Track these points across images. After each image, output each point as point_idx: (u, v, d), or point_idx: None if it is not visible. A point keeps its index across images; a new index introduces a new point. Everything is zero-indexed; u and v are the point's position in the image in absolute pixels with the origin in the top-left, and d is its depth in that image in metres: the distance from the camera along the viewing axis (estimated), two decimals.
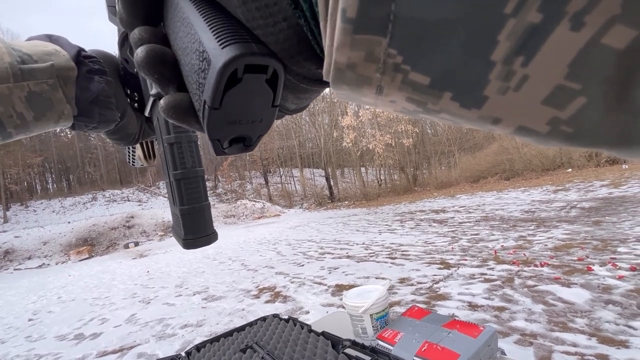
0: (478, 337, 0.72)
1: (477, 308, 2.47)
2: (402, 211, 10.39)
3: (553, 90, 0.10)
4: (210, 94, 0.17)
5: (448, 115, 0.13)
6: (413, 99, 0.13)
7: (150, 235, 17.32)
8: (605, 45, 0.09)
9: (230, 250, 8.14)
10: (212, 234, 0.39)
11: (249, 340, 0.97)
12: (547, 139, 0.12)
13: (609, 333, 1.86)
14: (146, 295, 4.86)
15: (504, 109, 0.11)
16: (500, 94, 0.11)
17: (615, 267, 2.79)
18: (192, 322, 3.30)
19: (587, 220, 4.74)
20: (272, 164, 29.23)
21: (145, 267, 7.86)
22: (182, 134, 0.37)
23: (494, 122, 0.12)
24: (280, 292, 3.75)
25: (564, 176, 11.54)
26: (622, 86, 0.10)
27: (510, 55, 0.10)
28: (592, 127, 0.11)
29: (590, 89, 0.10)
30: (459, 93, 0.12)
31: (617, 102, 0.10)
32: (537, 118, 0.11)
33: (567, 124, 0.11)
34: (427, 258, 4.15)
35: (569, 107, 0.10)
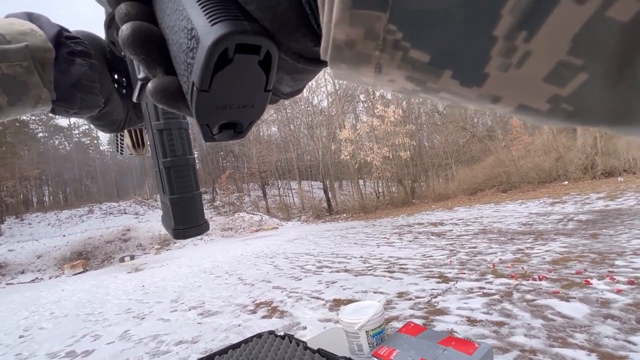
0: (473, 355, 0.72)
1: (476, 323, 2.45)
2: (400, 224, 10.36)
3: (555, 66, 0.10)
4: (198, 75, 0.16)
5: (447, 94, 0.13)
6: (412, 77, 0.13)
7: (146, 249, 17.12)
8: (610, 18, 0.09)
9: (227, 264, 8.05)
10: (203, 224, 0.37)
11: (244, 358, 0.96)
12: (547, 118, 0.11)
13: (609, 348, 1.84)
14: (141, 311, 4.77)
15: (505, 87, 0.11)
16: (502, 71, 0.11)
17: (614, 280, 2.78)
18: (187, 338, 3.24)
19: (584, 233, 4.75)
20: (270, 177, 29.24)
21: (141, 282, 7.74)
22: (172, 120, 0.35)
23: (494, 101, 0.12)
24: (277, 307, 3.70)
25: (561, 188, 11.60)
26: (624, 61, 0.09)
27: (513, 30, 0.10)
28: (593, 104, 0.10)
29: (593, 64, 0.10)
30: (460, 71, 0.11)
31: (619, 78, 0.10)
32: (538, 96, 0.11)
33: (567, 101, 0.11)
34: (425, 272, 4.12)
35: (570, 84, 0.10)
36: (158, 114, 0.35)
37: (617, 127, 0.11)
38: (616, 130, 0.11)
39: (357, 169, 20.74)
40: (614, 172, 11.76)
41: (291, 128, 26.91)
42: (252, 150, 26.87)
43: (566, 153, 13.57)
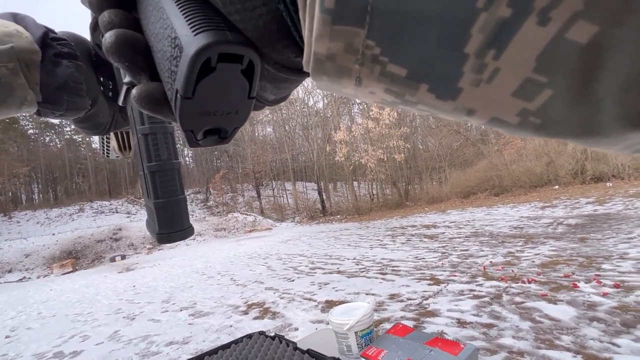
0: (458, 355, 0.74)
1: (465, 325, 2.48)
2: (393, 226, 10.42)
3: (522, 82, 0.11)
4: (182, 83, 0.16)
5: (425, 107, 0.13)
6: (391, 90, 0.13)
7: (138, 249, 16.93)
8: (570, 40, 0.09)
9: (220, 264, 8.00)
10: (188, 228, 0.37)
11: (234, 359, 0.97)
12: (517, 130, 0.12)
13: (594, 350, 1.88)
14: (131, 311, 4.72)
15: (478, 101, 0.12)
16: (474, 86, 0.11)
17: (600, 284, 2.84)
18: (178, 339, 3.22)
19: (573, 237, 4.83)
20: (264, 177, 29.15)
21: (132, 282, 7.65)
22: (157, 125, 0.35)
23: (469, 114, 0.13)
24: (270, 308, 3.69)
25: (551, 193, 11.78)
26: (584, 80, 0.10)
27: (483, 49, 0.10)
28: (558, 118, 0.11)
29: (556, 82, 0.10)
30: (435, 85, 0.12)
31: (580, 95, 0.10)
32: (508, 109, 0.12)
33: (535, 115, 0.11)
34: (417, 274, 4.16)
35: (537, 99, 0.11)
36: (143, 119, 0.35)
37: (581, 140, 0.12)
38: (581, 142, 0.12)
39: (351, 171, 20.80)
40: (603, 177, 11.98)
41: (286, 129, 26.89)
42: (246, 151, 26.77)
43: (557, 158, 13.79)
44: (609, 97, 0.10)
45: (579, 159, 13.05)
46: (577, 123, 0.11)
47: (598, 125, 0.11)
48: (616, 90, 0.10)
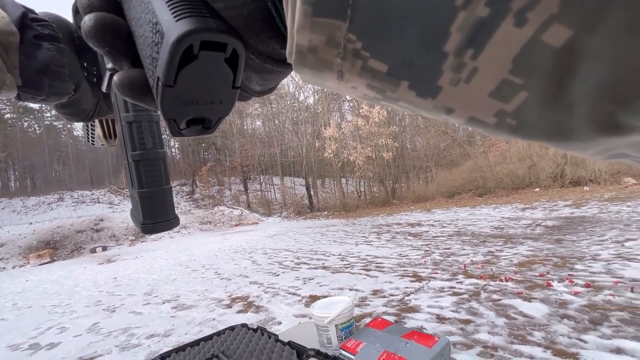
0: (433, 347, 0.77)
1: (444, 321, 2.56)
2: (379, 223, 10.55)
3: (499, 84, 0.11)
4: (163, 70, 0.16)
5: (406, 104, 0.14)
6: (373, 86, 0.13)
7: (120, 240, 16.56)
8: (545, 43, 0.10)
9: (205, 257, 7.93)
10: (173, 219, 0.37)
11: (216, 350, 0.98)
12: (494, 130, 0.13)
13: (562, 346, 1.98)
14: (111, 303, 4.63)
15: (457, 100, 0.12)
16: (453, 85, 0.12)
17: (572, 283, 2.97)
18: (160, 331, 3.19)
19: (549, 238, 5.02)
20: (252, 171, 28.92)
21: (113, 273, 7.50)
22: (141, 113, 0.34)
23: (448, 112, 0.13)
24: (253, 302, 3.70)
25: (532, 195, 12.16)
26: (558, 84, 0.10)
27: (461, 48, 0.11)
28: (533, 121, 0.11)
29: (532, 84, 0.10)
30: (415, 82, 0.12)
31: (554, 99, 0.10)
32: (485, 110, 0.12)
33: (511, 116, 0.12)
34: (400, 271, 4.24)
35: (513, 100, 0.11)
36: (127, 106, 0.34)
37: (555, 143, 0.12)
38: (555, 145, 0.12)
39: (340, 168, 20.88)
40: (581, 181, 12.45)
41: (276, 123, 26.71)
42: (234, 144, 26.46)
43: (539, 161, 14.22)
44: (582, 102, 0.10)
45: (560, 163, 13.51)
46: (550, 126, 0.11)
47: (571, 129, 0.11)
48: (588, 96, 0.10)
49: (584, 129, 0.11)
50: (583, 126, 0.11)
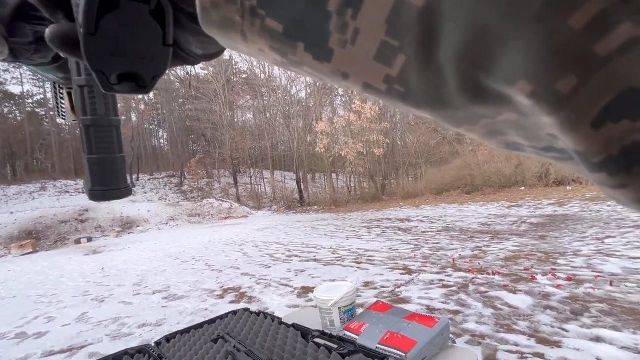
0: (434, 328, 0.82)
1: (434, 311, 2.63)
2: (369, 218, 10.66)
3: (380, 46, 0.11)
4: (82, 16, 0.16)
5: (309, 69, 0.14)
6: (275, 48, 0.14)
7: (106, 231, 16.25)
8: (409, 2, 0.10)
9: (194, 249, 7.88)
10: (125, 188, 0.36)
11: (220, 332, 1.00)
12: (387, 98, 0.13)
13: (546, 334, 2.08)
14: (100, 294, 4.58)
15: (348, 64, 0.12)
16: (342, 47, 0.12)
17: (555, 277, 3.10)
18: (151, 321, 3.18)
19: (534, 235, 5.19)
20: (242, 164, 28.67)
21: (100, 264, 7.38)
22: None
23: (344, 77, 0.13)
24: (246, 293, 3.72)
25: (518, 194, 12.48)
26: (427, 46, 0.10)
27: (342, 6, 0.11)
28: (415, 87, 0.12)
29: (406, 46, 0.11)
30: (310, 44, 0.13)
31: (427, 63, 0.11)
32: (374, 75, 0.12)
33: (398, 82, 0.12)
34: (390, 264, 4.32)
35: (395, 64, 0.11)
36: (80, 69, 0.33)
37: (437, 112, 0.12)
38: (437, 115, 0.12)
39: (331, 163, 20.91)
40: (564, 181, 12.84)
41: (267, 116, 26.47)
42: (225, 136, 26.13)
43: (525, 161, 14.56)
44: (448, 65, 0.10)
45: (545, 163, 13.84)
46: (430, 93, 0.11)
47: (446, 96, 0.11)
48: (453, 59, 0.10)
49: (455, 94, 0.11)
50: (454, 91, 0.11)
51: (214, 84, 26.85)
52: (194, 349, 0.91)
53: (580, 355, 1.82)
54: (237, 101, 29.91)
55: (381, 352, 0.75)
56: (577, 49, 0.08)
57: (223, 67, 27.20)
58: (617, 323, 2.12)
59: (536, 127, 0.11)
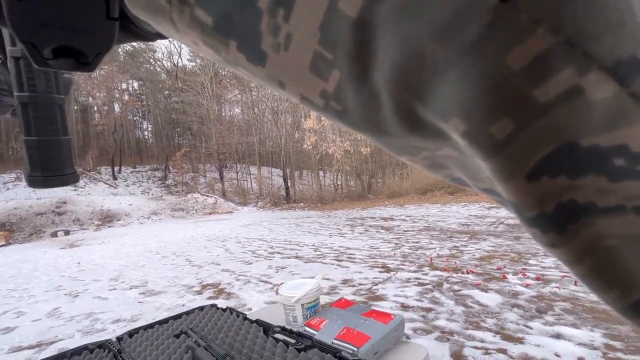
0: (388, 324, 0.85)
1: (408, 308, 2.70)
2: (354, 217, 10.75)
3: (313, 56, 0.10)
4: None
5: (245, 71, 0.13)
6: (207, 42, 0.13)
7: (84, 224, 15.78)
8: (341, 11, 0.09)
9: (175, 245, 7.77)
10: (71, 174, 0.33)
11: (184, 327, 1.01)
12: (325, 113, 0.12)
13: (510, 331, 2.17)
14: (74, 288, 4.46)
15: (283, 72, 0.11)
16: (275, 51, 0.11)
17: (525, 276, 3.23)
18: (126, 316, 3.13)
19: (510, 235, 5.37)
20: (229, 159, 28.34)
21: (76, 258, 7.18)
22: None
23: (281, 86, 0.12)
24: (224, 289, 3.71)
25: None
26: (361, 64, 0.09)
27: (273, 5, 0.10)
28: (352, 108, 0.10)
29: (340, 61, 0.10)
30: (242, 42, 0.12)
31: (361, 84, 0.10)
32: (311, 88, 0.11)
33: (334, 99, 0.11)
34: (370, 262, 4.39)
35: (330, 79, 0.10)
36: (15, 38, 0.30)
37: (376, 137, 0.11)
38: (376, 140, 0.11)
39: (318, 160, 20.94)
40: None
41: (255, 112, 26.23)
42: (211, 130, 25.75)
43: None
44: (384, 89, 0.09)
45: None
46: (366, 116, 0.10)
47: (383, 122, 0.10)
48: (388, 82, 0.09)
49: (391, 122, 0.10)
50: (390, 118, 0.10)
51: (201, 76, 26.38)
52: (155, 344, 0.91)
53: (540, 350, 1.91)
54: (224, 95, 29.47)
55: (336, 347, 0.78)
56: (515, 91, 0.07)
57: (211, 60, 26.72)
58: (577, 321, 2.24)
59: (475, 169, 0.10)
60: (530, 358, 1.85)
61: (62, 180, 0.33)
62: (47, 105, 0.31)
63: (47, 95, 0.31)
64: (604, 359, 1.78)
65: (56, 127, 0.32)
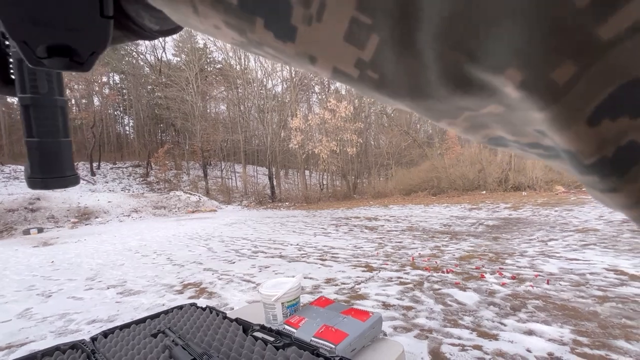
0: (366, 321, 0.87)
1: (389, 307, 2.75)
2: (339, 216, 10.81)
3: (350, 24, 0.10)
4: None
5: (271, 50, 0.13)
6: (231, 24, 0.12)
7: (59, 222, 15.18)
8: None
9: (156, 243, 7.59)
10: (71, 176, 0.33)
11: (162, 326, 0.99)
12: (360, 85, 0.11)
13: (486, 328, 2.24)
14: (47, 288, 4.29)
15: (315, 45, 0.11)
16: (306, 24, 0.11)
17: (501, 275, 3.34)
18: (102, 317, 3.04)
19: (488, 236, 5.54)
20: (213, 157, 27.89)
21: (50, 257, 6.90)
22: None
23: (311, 61, 0.12)
24: (206, 289, 3.66)
25: (479, 197, 13.20)
26: (405, 24, 0.09)
27: None
28: (391, 74, 0.10)
29: (380, 24, 0.09)
30: (270, 19, 0.11)
31: (404, 45, 0.09)
32: (345, 58, 0.11)
33: (371, 68, 0.10)
34: (354, 261, 4.43)
35: (368, 46, 0.10)
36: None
37: (416, 103, 0.11)
38: (415, 106, 0.11)
39: (304, 159, 20.93)
40: (521, 186, 13.76)
41: (241, 109, 25.92)
42: (196, 127, 25.27)
43: (487, 166, 15.44)
44: (429, 48, 0.09)
45: (504, 169, 14.80)
46: (407, 81, 0.10)
47: (426, 85, 0.10)
48: (434, 40, 0.09)
49: (435, 82, 0.10)
50: (435, 80, 0.09)
51: (186, 72, 25.84)
52: (131, 344, 0.90)
53: (513, 347, 1.99)
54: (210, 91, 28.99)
55: (314, 345, 0.79)
56: (578, 31, 0.07)
57: (196, 55, 26.24)
58: (548, 318, 2.34)
59: (523, 122, 0.10)
60: (504, 354, 1.92)
61: (62, 182, 0.33)
62: (50, 107, 0.31)
63: (49, 97, 0.31)
64: (571, 354, 1.87)
65: (57, 129, 0.32)
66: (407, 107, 0.11)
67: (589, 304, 2.54)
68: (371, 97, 0.12)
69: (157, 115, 30.73)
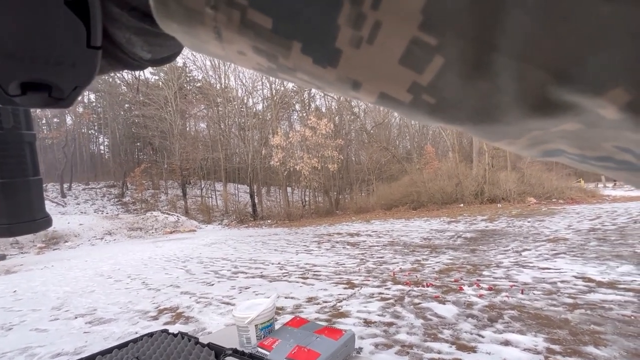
0: (338, 340, 0.87)
1: (370, 324, 2.74)
2: (321, 233, 10.77)
3: (409, 45, 0.09)
4: None
5: (306, 76, 0.11)
6: (260, 49, 0.11)
7: (24, 247, 14.23)
8: None
9: (131, 267, 7.25)
10: (42, 219, 0.29)
11: (130, 356, 0.96)
12: (411, 111, 0.10)
13: (465, 341, 2.27)
14: (7, 320, 3.98)
15: (361, 69, 0.10)
16: (354, 47, 0.09)
17: (479, 287, 3.42)
18: (69, 349, 2.85)
19: (467, 248, 5.68)
20: (193, 175, 27.33)
21: (13, 286, 6.42)
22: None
23: (354, 87, 0.11)
24: (183, 313, 3.51)
25: (457, 210, 13.57)
26: (478, 44, 0.08)
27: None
28: (453, 98, 0.09)
29: (447, 45, 0.08)
30: (310, 43, 0.10)
31: (475, 67, 0.08)
32: (397, 83, 0.10)
33: (428, 92, 0.10)
34: (335, 278, 4.40)
35: (428, 69, 0.09)
36: None
37: (480, 127, 0.10)
38: (480, 131, 0.10)
39: (285, 177, 20.89)
40: (496, 199, 14.29)
41: (222, 127, 25.78)
42: (174, 145, 24.84)
43: (464, 180, 15.98)
44: (507, 69, 0.08)
45: (480, 182, 15.37)
46: (473, 105, 0.09)
47: (496, 107, 0.09)
48: (515, 60, 0.08)
49: (511, 106, 0.09)
50: (510, 102, 0.09)
51: (165, 90, 25.60)
52: None
53: (490, 358, 2.02)
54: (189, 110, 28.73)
55: None
56: None
57: (175, 73, 26.11)
58: (523, 327, 2.40)
59: (601, 139, 0.09)
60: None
61: (31, 226, 0.29)
62: (15, 143, 0.27)
63: (15, 133, 0.27)
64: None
65: (25, 167, 0.28)
66: (461, 130, 0.11)
67: (561, 311, 2.63)
68: (416, 120, 0.12)
69: (134, 133, 30.01)
